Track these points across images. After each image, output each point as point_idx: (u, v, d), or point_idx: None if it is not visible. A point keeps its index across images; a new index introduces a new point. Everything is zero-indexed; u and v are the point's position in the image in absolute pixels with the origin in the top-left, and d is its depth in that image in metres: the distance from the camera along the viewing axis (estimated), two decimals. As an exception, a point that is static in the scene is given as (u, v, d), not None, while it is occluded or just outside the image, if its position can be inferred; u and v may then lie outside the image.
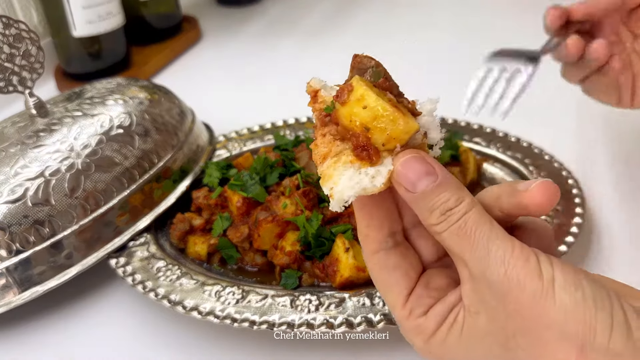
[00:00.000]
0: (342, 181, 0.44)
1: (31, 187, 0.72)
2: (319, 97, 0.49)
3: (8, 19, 0.79)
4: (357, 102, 0.44)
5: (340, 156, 0.45)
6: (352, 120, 0.44)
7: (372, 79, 0.47)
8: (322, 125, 0.47)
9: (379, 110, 0.43)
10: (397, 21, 1.50)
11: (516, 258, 0.41)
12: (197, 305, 0.67)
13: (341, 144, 0.45)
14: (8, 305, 0.71)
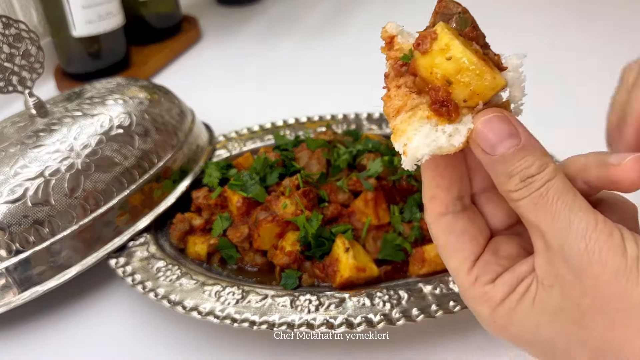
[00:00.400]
0: (416, 138, 0.41)
1: (31, 187, 0.72)
2: (395, 43, 0.45)
3: (8, 19, 0.79)
4: (441, 52, 0.40)
5: (415, 110, 0.42)
6: (433, 72, 0.41)
7: (458, 27, 0.43)
8: (397, 75, 0.44)
9: (465, 62, 0.40)
10: (399, 19, 1.50)
11: (599, 232, 0.38)
12: (197, 306, 0.67)
13: (417, 98, 0.42)
14: (8, 305, 0.71)
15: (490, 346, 0.67)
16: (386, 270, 0.71)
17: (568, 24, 1.37)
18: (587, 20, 1.37)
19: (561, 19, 1.40)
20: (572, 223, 0.39)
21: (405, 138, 0.42)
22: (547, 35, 1.31)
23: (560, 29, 1.35)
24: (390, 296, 0.66)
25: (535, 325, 0.42)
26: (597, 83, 0.86)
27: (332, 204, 0.75)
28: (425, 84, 0.41)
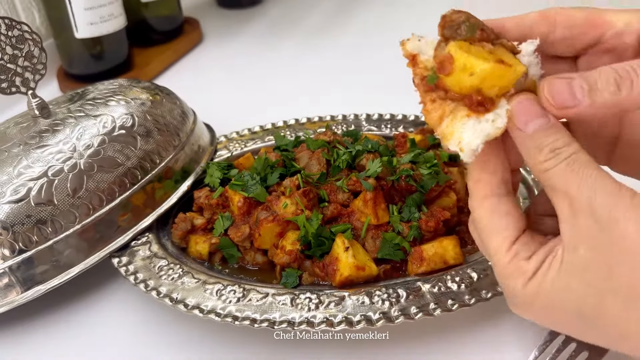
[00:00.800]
0: (466, 134, 0.46)
1: (34, 187, 0.72)
2: (418, 61, 0.50)
3: (11, 21, 0.79)
4: (462, 71, 0.46)
5: (455, 113, 0.47)
6: (462, 87, 0.46)
7: (467, 34, 0.48)
8: (427, 90, 0.49)
9: (486, 72, 0.45)
10: (398, 21, 1.51)
11: (624, 192, 0.42)
12: (199, 304, 0.68)
13: (452, 102, 0.48)
14: (11, 304, 0.71)
15: (491, 344, 0.67)
16: (385, 269, 0.71)
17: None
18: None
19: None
20: (599, 185, 0.43)
21: (457, 138, 0.47)
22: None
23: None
24: (389, 295, 0.66)
25: (564, 289, 0.45)
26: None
27: (332, 204, 0.75)
28: (457, 95, 0.47)
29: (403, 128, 0.95)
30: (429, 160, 0.77)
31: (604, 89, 0.44)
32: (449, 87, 0.47)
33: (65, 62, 1.25)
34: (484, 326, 0.69)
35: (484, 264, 0.69)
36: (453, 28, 0.48)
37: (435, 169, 0.75)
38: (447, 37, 0.49)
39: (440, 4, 1.55)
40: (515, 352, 0.66)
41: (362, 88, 1.21)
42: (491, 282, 0.67)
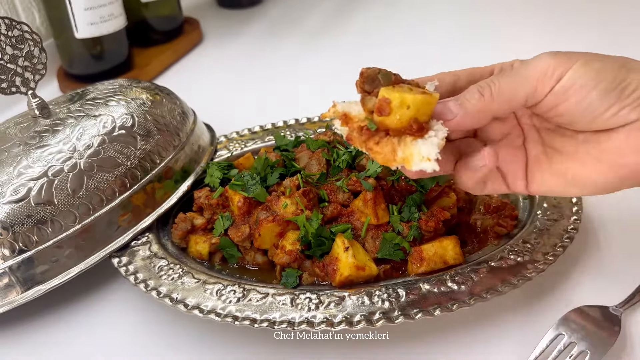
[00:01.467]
0: (423, 149, 0.53)
1: (34, 187, 0.72)
2: (350, 118, 0.57)
3: (11, 21, 0.79)
4: (400, 108, 0.53)
5: (404, 142, 0.54)
6: (402, 121, 0.53)
7: (386, 81, 0.56)
8: (369, 137, 0.55)
9: (418, 103, 0.53)
10: (398, 22, 1.51)
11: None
12: (199, 304, 0.68)
13: (396, 137, 0.54)
14: (11, 304, 0.71)
15: (491, 344, 0.67)
16: (385, 269, 0.71)
17: (566, 29, 1.37)
18: (587, 25, 1.38)
19: (559, 24, 1.40)
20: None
21: (417, 155, 0.53)
22: (545, 42, 1.32)
23: (558, 34, 1.36)
24: (389, 294, 0.66)
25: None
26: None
27: (331, 204, 0.75)
28: (398, 129, 0.54)
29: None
30: (429, 160, 0.77)
31: (470, 99, 0.55)
32: (389, 125, 0.54)
33: (65, 62, 1.25)
34: (484, 326, 0.69)
35: (483, 263, 0.69)
36: (372, 81, 0.57)
37: (436, 168, 0.75)
38: (368, 90, 0.57)
39: (440, 4, 1.56)
40: (515, 353, 0.66)
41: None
42: (491, 282, 0.67)
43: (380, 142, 0.55)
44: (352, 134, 0.57)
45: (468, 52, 1.27)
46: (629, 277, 0.72)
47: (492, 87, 0.55)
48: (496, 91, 0.55)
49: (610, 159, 0.55)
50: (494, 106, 0.55)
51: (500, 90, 0.55)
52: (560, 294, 0.72)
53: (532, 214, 0.76)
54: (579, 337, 0.64)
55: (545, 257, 0.69)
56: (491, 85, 0.55)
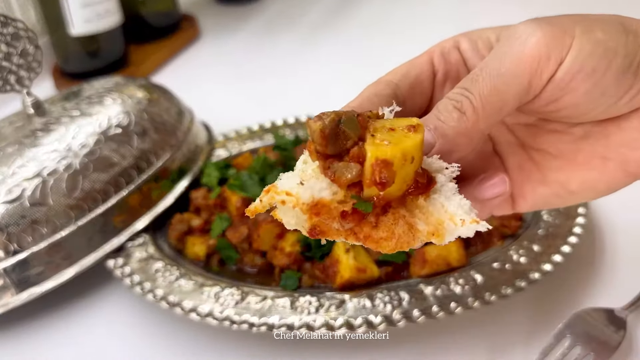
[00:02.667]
0: (451, 208, 0.39)
1: (29, 187, 0.72)
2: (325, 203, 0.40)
3: (5, 18, 0.78)
4: (403, 165, 0.38)
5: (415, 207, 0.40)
6: (407, 181, 0.39)
7: (357, 130, 0.39)
8: (358, 223, 0.40)
9: (418, 146, 0.39)
10: (397, 18, 1.50)
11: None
12: (196, 307, 0.67)
13: (399, 208, 0.40)
14: (5, 306, 0.71)
15: (495, 345, 0.67)
16: (387, 271, 0.70)
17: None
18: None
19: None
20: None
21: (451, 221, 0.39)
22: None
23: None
24: (391, 297, 0.66)
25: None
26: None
27: (332, 204, 0.74)
28: (401, 194, 0.40)
29: (404, 126, 0.94)
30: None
31: (447, 120, 0.41)
32: (391, 195, 0.39)
33: (61, 59, 1.24)
34: (487, 328, 0.68)
35: (487, 265, 0.68)
36: (334, 138, 0.39)
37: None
38: (333, 152, 0.39)
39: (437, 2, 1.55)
40: (520, 355, 0.65)
41: (362, 85, 1.20)
42: (495, 284, 0.66)
43: (380, 224, 0.40)
44: (326, 226, 0.40)
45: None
46: (635, 279, 0.71)
47: (471, 98, 0.41)
48: (479, 104, 0.41)
49: (621, 155, 0.45)
50: (480, 124, 0.41)
51: (484, 101, 0.41)
52: (565, 296, 0.71)
53: (537, 214, 0.76)
54: (584, 339, 0.63)
55: (550, 259, 0.68)
56: (470, 97, 0.41)
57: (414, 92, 0.47)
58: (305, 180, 0.40)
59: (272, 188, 0.41)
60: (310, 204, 0.39)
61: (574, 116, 0.44)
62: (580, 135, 0.46)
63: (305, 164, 0.41)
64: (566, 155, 0.47)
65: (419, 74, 0.48)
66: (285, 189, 0.40)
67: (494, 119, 0.42)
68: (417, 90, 0.48)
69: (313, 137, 0.39)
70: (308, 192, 0.40)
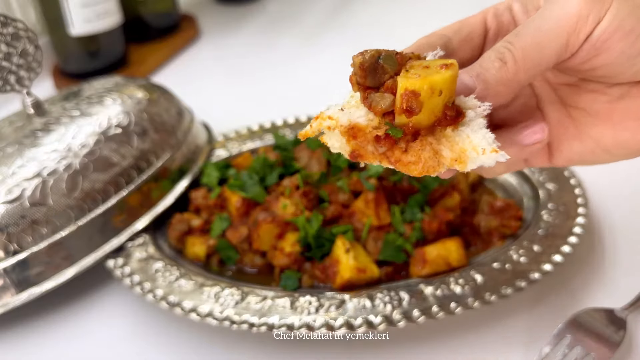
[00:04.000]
0: (475, 139, 0.43)
1: (28, 187, 0.72)
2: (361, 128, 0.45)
3: (5, 18, 0.78)
4: (431, 97, 0.42)
5: (443, 136, 0.44)
6: (435, 112, 0.43)
7: (394, 65, 0.44)
8: (391, 147, 0.44)
9: (448, 81, 0.42)
10: (397, 17, 1.50)
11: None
12: (196, 307, 0.67)
13: (428, 136, 0.44)
14: (5, 306, 0.71)
15: (495, 347, 0.67)
16: (387, 271, 0.70)
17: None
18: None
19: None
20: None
21: (473, 150, 0.43)
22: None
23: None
24: (391, 297, 0.66)
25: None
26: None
27: (332, 205, 0.74)
28: (430, 124, 0.43)
29: (404, 126, 0.94)
30: (432, 159, 0.76)
31: (489, 68, 0.44)
32: (420, 123, 0.43)
33: (61, 59, 1.24)
34: (488, 329, 0.68)
35: (487, 265, 0.68)
36: (373, 72, 0.44)
37: (438, 168, 0.74)
38: (372, 85, 0.45)
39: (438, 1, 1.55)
40: (520, 356, 0.65)
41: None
42: (495, 284, 0.66)
43: (409, 149, 0.44)
44: (363, 150, 0.45)
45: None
46: (635, 279, 0.71)
47: (512, 50, 0.44)
48: (520, 56, 0.44)
49: None
50: (520, 73, 0.44)
51: (524, 54, 0.44)
52: (565, 296, 0.71)
53: (537, 214, 0.76)
54: (584, 339, 0.63)
55: (550, 259, 0.68)
56: (511, 49, 0.44)
57: (464, 46, 0.51)
58: (346, 108, 0.46)
59: (320, 115, 0.47)
60: (347, 127, 0.45)
61: (610, 76, 0.46)
62: (617, 95, 0.48)
63: (352, 97, 0.47)
64: (602, 115, 0.49)
65: (472, 31, 0.51)
66: (329, 114, 0.46)
67: (533, 72, 0.45)
68: (467, 45, 0.51)
69: (355, 70, 0.45)
70: (346, 116, 0.45)
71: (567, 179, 0.80)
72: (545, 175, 0.81)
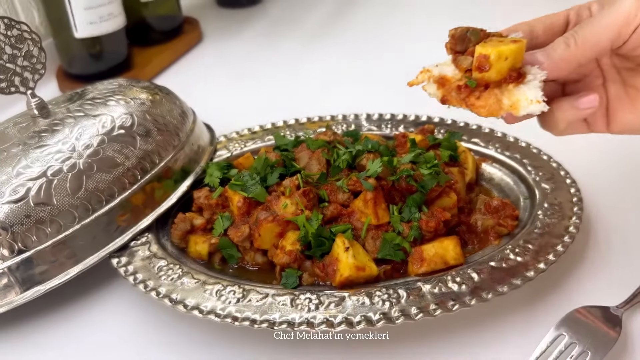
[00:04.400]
0: (529, 93, 0.59)
1: (33, 187, 0.72)
2: (448, 79, 0.62)
3: (10, 20, 0.79)
4: (498, 61, 0.58)
5: (506, 89, 0.60)
6: (501, 72, 0.59)
7: (477, 38, 0.61)
8: (468, 94, 0.61)
9: (514, 52, 0.58)
10: (398, 20, 1.51)
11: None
12: (198, 305, 0.68)
13: (495, 89, 0.60)
14: (10, 304, 0.71)
15: (492, 344, 0.67)
16: (385, 269, 0.71)
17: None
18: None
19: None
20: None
21: (525, 100, 0.59)
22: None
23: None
24: (390, 295, 0.66)
25: None
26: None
27: (332, 204, 0.75)
28: (497, 81, 0.60)
29: (403, 128, 0.95)
30: (430, 160, 0.76)
31: (557, 48, 0.59)
32: (489, 79, 0.59)
33: (65, 61, 1.24)
34: (485, 327, 0.69)
35: (484, 264, 0.69)
36: (462, 41, 0.62)
37: (436, 169, 0.75)
38: (460, 49, 0.62)
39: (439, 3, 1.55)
40: (516, 353, 0.66)
41: (362, 88, 1.21)
42: (492, 282, 0.67)
43: (481, 97, 0.60)
44: (449, 95, 0.61)
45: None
46: (630, 277, 0.72)
47: (575, 37, 0.58)
48: (580, 40, 0.58)
49: None
50: (578, 54, 0.58)
51: (584, 39, 0.58)
52: (561, 294, 0.72)
53: (533, 214, 0.76)
54: (579, 337, 0.64)
55: (546, 258, 0.69)
56: (575, 36, 0.58)
57: (547, 34, 0.64)
58: (440, 65, 0.64)
59: (423, 69, 0.64)
60: (438, 77, 0.63)
61: None
62: None
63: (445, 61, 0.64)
64: None
65: (554, 22, 0.65)
66: (428, 68, 0.64)
67: (589, 54, 0.58)
68: (549, 32, 0.64)
69: (450, 39, 0.63)
70: (437, 70, 0.63)
71: (563, 178, 0.81)
72: (541, 175, 0.82)
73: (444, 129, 0.92)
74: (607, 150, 0.95)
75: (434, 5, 1.56)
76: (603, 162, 0.92)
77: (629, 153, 0.94)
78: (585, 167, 0.89)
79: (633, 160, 0.92)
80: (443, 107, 0.63)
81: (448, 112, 0.92)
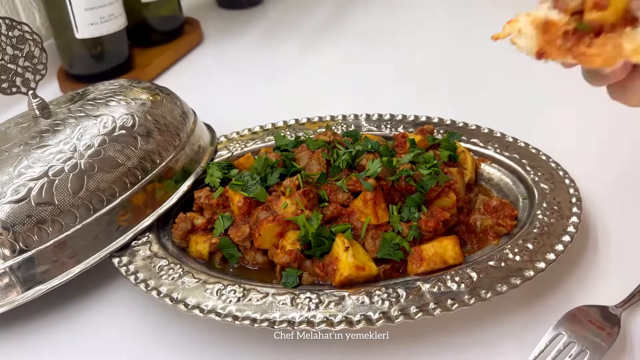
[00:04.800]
0: None
1: (34, 187, 0.72)
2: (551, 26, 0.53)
3: (11, 21, 0.79)
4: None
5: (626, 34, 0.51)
6: (618, 12, 0.51)
7: None
8: (576, 42, 0.52)
9: None
10: (398, 23, 1.51)
11: None
12: (199, 304, 0.68)
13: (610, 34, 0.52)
14: (11, 304, 0.71)
15: (490, 343, 0.68)
16: (385, 269, 0.71)
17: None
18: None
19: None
20: None
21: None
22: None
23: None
24: (389, 294, 0.66)
25: None
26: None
27: (331, 204, 0.75)
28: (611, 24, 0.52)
29: (403, 128, 0.95)
30: (429, 160, 0.77)
31: None
32: (606, 20, 0.51)
33: (66, 62, 1.25)
34: (484, 326, 0.69)
35: (483, 263, 0.69)
36: None
37: (435, 169, 0.75)
38: None
39: (439, 5, 1.56)
40: (515, 352, 0.66)
41: (362, 88, 1.21)
42: (491, 281, 0.67)
43: (592, 44, 0.52)
44: (550, 45, 0.53)
45: (471, 49, 1.27)
46: (629, 276, 0.72)
47: None
48: None
49: None
50: None
51: None
52: (559, 293, 0.72)
53: (532, 213, 0.77)
54: (578, 336, 0.64)
55: (544, 257, 0.69)
56: None
57: None
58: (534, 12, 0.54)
59: (515, 18, 0.55)
60: (542, 21, 0.53)
61: None
62: None
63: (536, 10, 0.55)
64: None
65: None
66: (525, 14, 0.54)
67: None
68: None
69: None
70: (542, 12, 0.53)
71: (562, 178, 0.81)
72: (540, 175, 0.82)
73: (443, 129, 0.93)
74: (607, 150, 0.95)
75: (430, 9, 1.56)
76: (602, 162, 0.92)
77: (628, 153, 0.94)
78: (584, 167, 0.89)
79: (632, 160, 0.92)
80: (445, 106, 0.60)
81: (448, 112, 0.92)
